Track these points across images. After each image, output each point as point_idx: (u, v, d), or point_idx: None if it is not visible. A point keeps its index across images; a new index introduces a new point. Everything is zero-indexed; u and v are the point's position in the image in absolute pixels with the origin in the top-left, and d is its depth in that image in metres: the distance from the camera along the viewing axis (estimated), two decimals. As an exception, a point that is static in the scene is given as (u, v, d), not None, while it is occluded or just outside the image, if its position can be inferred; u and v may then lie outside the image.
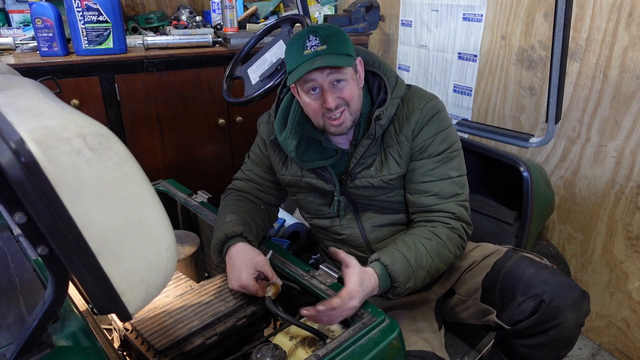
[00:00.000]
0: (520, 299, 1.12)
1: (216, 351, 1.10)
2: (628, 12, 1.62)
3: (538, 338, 1.11)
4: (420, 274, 1.12)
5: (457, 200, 1.21)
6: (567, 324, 1.07)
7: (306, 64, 1.10)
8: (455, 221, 1.20)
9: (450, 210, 1.20)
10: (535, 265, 1.16)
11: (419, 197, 1.23)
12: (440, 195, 1.21)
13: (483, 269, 1.24)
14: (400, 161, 1.22)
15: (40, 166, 0.49)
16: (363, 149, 1.21)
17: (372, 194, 1.26)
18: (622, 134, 1.72)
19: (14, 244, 1.11)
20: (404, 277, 1.09)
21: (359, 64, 1.19)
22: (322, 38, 1.11)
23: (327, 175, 1.27)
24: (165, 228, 0.62)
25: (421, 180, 1.22)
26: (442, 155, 1.21)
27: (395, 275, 1.08)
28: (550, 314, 1.08)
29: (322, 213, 1.35)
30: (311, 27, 1.14)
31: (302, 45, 1.12)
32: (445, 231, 1.18)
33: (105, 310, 0.60)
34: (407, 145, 1.20)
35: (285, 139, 1.24)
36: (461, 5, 2.19)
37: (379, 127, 1.19)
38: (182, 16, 2.55)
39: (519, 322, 1.13)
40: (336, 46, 1.11)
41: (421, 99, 1.22)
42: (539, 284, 1.11)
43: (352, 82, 1.15)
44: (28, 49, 1.99)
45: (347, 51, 1.13)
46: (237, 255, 1.17)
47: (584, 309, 1.10)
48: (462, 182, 1.24)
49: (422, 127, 1.19)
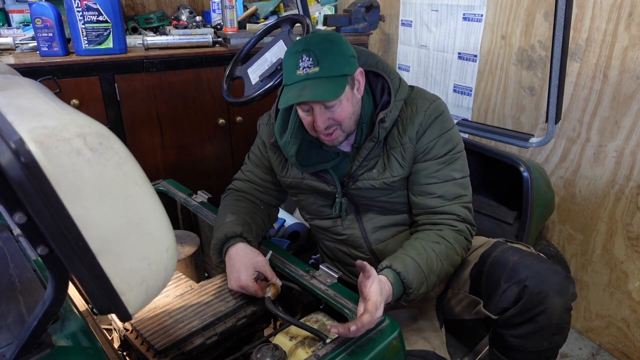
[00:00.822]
0: (505, 285, 1.12)
1: (216, 351, 1.10)
2: (628, 12, 1.62)
3: (527, 326, 1.11)
4: (432, 279, 1.10)
5: (461, 202, 1.21)
6: (554, 309, 1.07)
7: (295, 90, 1.08)
8: (460, 223, 1.20)
9: (455, 212, 1.19)
10: (520, 253, 1.16)
11: (423, 199, 1.22)
12: (445, 197, 1.20)
13: (471, 260, 1.25)
14: (404, 163, 1.21)
15: (40, 166, 0.49)
16: (366, 151, 1.20)
17: (374, 195, 1.26)
18: (622, 134, 1.72)
19: (14, 244, 1.11)
20: (417, 283, 1.07)
21: (360, 75, 1.16)
22: (316, 58, 1.07)
23: (328, 177, 1.26)
24: (165, 228, 0.62)
25: (425, 182, 1.21)
26: (446, 157, 1.20)
27: (408, 282, 1.05)
28: (535, 300, 1.07)
29: (323, 214, 1.35)
30: (306, 43, 1.09)
31: (295, 62, 1.09)
32: (452, 234, 1.17)
33: (105, 310, 0.60)
34: (411, 147, 1.20)
35: (285, 143, 1.23)
36: (461, 5, 2.19)
37: (383, 130, 1.18)
38: (182, 16, 2.55)
39: (506, 310, 1.12)
40: (331, 67, 1.07)
41: (425, 101, 1.21)
42: (522, 269, 1.10)
43: (345, 103, 1.12)
44: (28, 49, 1.98)
45: (342, 71, 1.09)
46: (236, 256, 1.17)
47: (570, 292, 1.09)
48: (465, 183, 1.23)
49: (426, 129, 1.19)
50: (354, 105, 1.16)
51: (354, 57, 1.15)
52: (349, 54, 1.13)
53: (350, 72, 1.12)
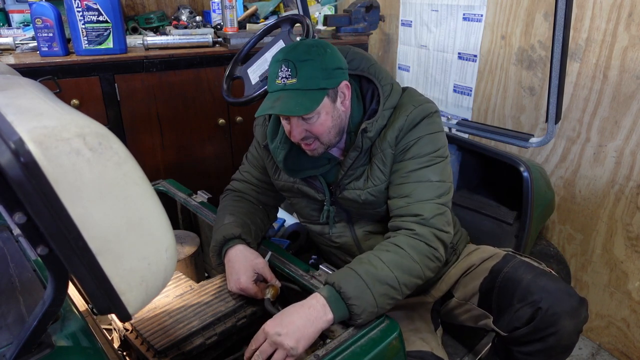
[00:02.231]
0: (518, 305, 1.11)
1: (216, 351, 1.10)
2: (628, 12, 1.62)
3: (535, 345, 1.10)
4: (378, 288, 0.99)
5: (432, 202, 1.10)
6: (565, 331, 1.06)
7: (270, 101, 1.06)
8: (420, 226, 1.08)
9: (419, 212, 1.09)
10: (534, 271, 1.15)
11: (393, 201, 1.15)
12: (413, 197, 1.10)
13: (481, 273, 1.23)
14: (385, 169, 1.15)
15: (40, 166, 0.49)
16: (350, 160, 1.17)
17: (360, 207, 1.22)
18: (622, 134, 1.72)
19: (14, 244, 1.11)
20: (356, 292, 0.97)
21: (345, 88, 1.11)
22: (294, 69, 1.04)
23: (317, 184, 1.24)
24: (165, 228, 0.62)
25: (399, 182, 1.14)
26: (426, 158, 1.12)
27: (344, 292, 0.97)
28: (547, 322, 1.07)
29: (314, 219, 1.33)
30: (287, 53, 1.06)
31: (276, 71, 1.07)
32: (406, 240, 1.07)
33: (105, 310, 0.60)
34: (391, 152, 1.14)
35: (275, 148, 1.21)
36: (461, 5, 2.19)
37: (367, 140, 1.14)
38: (182, 16, 2.55)
39: (516, 329, 1.12)
40: (308, 80, 1.04)
41: (409, 105, 1.14)
42: (536, 290, 1.09)
43: (324, 117, 1.08)
44: (28, 49, 1.98)
45: (319, 85, 1.05)
46: (236, 258, 1.16)
47: (582, 315, 1.09)
48: (443, 187, 1.12)
49: (408, 132, 1.13)
50: (335, 119, 1.12)
51: (341, 69, 1.09)
52: (333, 67, 1.07)
53: (331, 86, 1.08)
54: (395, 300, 1.04)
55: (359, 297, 0.97)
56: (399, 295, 1.03)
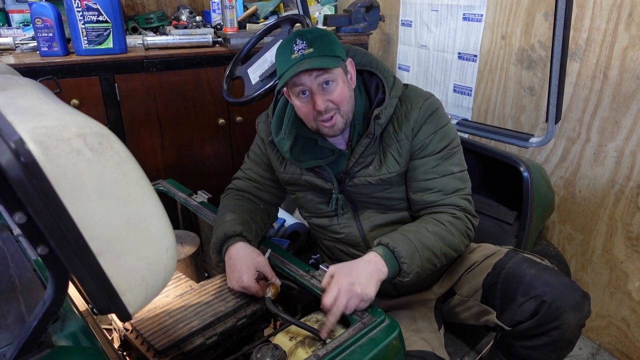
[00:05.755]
0: (521, 299, 1.12)
1: (216, 351, 1.10)
2: (628, 12, 1.62)
3: (539, 339, 1.11)
4: (425, 254, 1.11)
5: (460, 194, 1.22)
6: (569, 325, 1.07)
7: (293, 68, 1.10)
8: (459, 212, 1.20)
9: (454, 203, 1.21)
10: (537, 266, 1.16)
11: (422, 195, 1.23)
12: (444, 191, 1.21)
13: (484, 269, 1.24)
14: (400, 159, 1.22)
15: (40, 166, 0.49)
16: (362, 148, 1.21)
17: (370, 191, 1.26)
18: (622, 134, 1.72)
19: (14, 244, 1.11)
20: (408, 253, 1.08)
21: (350, 64, 1.19)
22: (308, 41, 1.10)
23: (325, 173, 1.27)
24: (165, 228, 0.62)
25: (424, 178, 1.22)
26: (443, 152, 1.21)
27: (398, 251, 1.08)
28: (551, 315, 1.07)
29: (320, 211, 1.35)
30: (298, 31, 1.14)
31: (290, 49, 1.11)
32: (448, 218, 1.18)
33: (105, 310, 0.60)
34: (407, 143, 1.21)
35: (280, 140, 1.24)
36: (461, 5, 2.19)
37: (378, 126, 1.19)
38: (182, 16, 2.55)
39: (520, 323, 1.13)
40: (323, 48, 1.11)
41: (419, 98, 1.22)
42: (540, 285, 1.11)
43: (342, 84, 1.15)
44: (28, 49, 1.98)
45: (335, 52, 1.12)
46: (237, 256, 1.17)
47: (585, 309, 1.10)
48: (464, 176, 1.24)
49: (422, 125, 1.20)
50: (350, 91, 1.18)
51: (343, 50, 1.18)
52: (338, 44, 1.16)
53: (343, 57, 1.16)
54: (435, 268, 1.16)
55: (409, 257, 1.08)
56: (438, 263, 1.15)
